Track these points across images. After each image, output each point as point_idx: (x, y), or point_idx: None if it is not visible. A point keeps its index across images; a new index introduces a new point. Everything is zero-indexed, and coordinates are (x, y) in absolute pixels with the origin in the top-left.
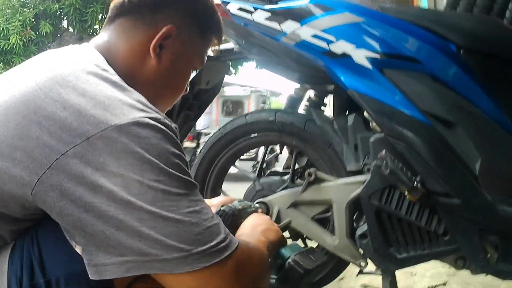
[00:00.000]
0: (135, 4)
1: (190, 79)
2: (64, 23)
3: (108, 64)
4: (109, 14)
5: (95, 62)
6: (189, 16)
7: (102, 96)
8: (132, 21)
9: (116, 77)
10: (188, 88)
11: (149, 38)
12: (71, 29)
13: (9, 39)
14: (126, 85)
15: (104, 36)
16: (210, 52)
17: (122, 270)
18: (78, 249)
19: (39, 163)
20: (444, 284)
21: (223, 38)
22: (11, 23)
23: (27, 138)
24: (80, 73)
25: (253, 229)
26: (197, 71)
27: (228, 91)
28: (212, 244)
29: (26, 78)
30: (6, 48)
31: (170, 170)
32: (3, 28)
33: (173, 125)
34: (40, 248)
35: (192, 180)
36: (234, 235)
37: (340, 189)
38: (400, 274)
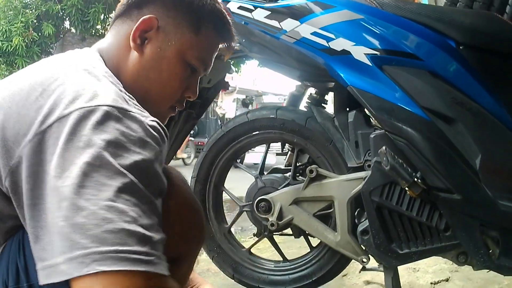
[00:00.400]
0: (127, 3)
1: (195, 81)
2: (67, 24)
3: (105, 63)
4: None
5: (89, 62)
6: (176, 9)
7: (80, 85)
8: (123, 19)
9: (101, 74)
10: (197, 91)
11: (131, 31)
12: (73, 30)
13: (11, 41)
14: (110, 79)
15: (105, 39)
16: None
17: (45, 274)
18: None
19: (11, 153)
20: (447, 280)
21: (233, 39)
22: (13, 25)
23: (6, 128)
24: (69, 69)
25: None
26: (199, 71)
27: (264, 99)
28: (122, 248)
29: (22, 79)
30: (9, 50)
31: (112, 159)
32: (5, 30)
33: (150, 119)
34: (24, 251)
35: (135, 181)
36: None
37: (341, 186)
38: (402, 270)
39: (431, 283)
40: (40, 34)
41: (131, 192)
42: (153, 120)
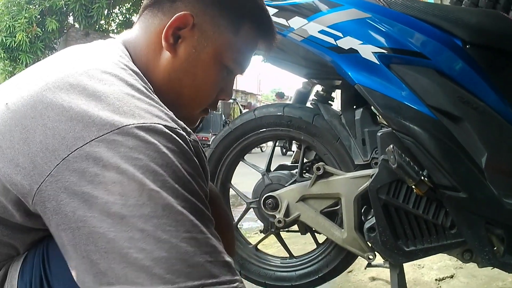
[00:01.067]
0: None
1: (230, 82)
2: (70, 19)
3: (132, 59)
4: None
5: (115, 60)
6: (214, 5)
7: (113, 97)
8: (153, 10)
9: (132, 78)
10: (231, 93)
11: (164, 27)
12: (77, 25)
13: (15, 36)
14: (143, 88)
15: (132, 30)
16: None
17: None
18: (73, 274)
19: (40, 170)
20: (451, 276)
21: (274, 38)
22: (17, 20)
23: (32, 143)
24: (95, 72)
25: None
26: (236, 72)
27: None
28: (208, 281)
29: (38, 77)
30: (12, 45)
31: (176, 185)
32: (9, 26)
33: (193, 138)
34: (49, 264)
35: (201, 206)
36: None
37: (348, 183)
38: (407, 267)
39: (436, 280)
40: (43, 29)
41: (199, 220)
42: (194, 140)
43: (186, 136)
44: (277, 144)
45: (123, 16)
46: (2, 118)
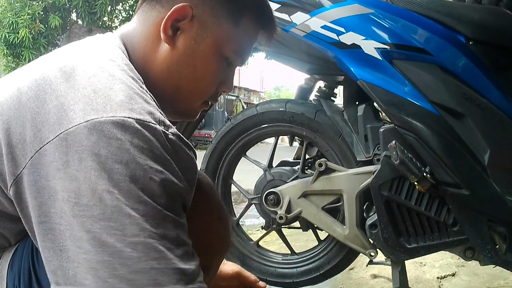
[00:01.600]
0: None
1: (231, 74)
2: (73, 16)
3: (129, 53)
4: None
5: (104, 52)
6: None
7: (90, 89)
8: (152, 4)
9: (118, 68)
10: (232, 85)
11: (162, 19)
12: (80, 22)
13: (18, 32)
14: (127, 78)
15: (130, 23)
16: None
17: None
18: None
19: (18, 162)
20: (453, 274)
21: (275, 29)
22: (20, 17)
23: (13, 134)
24: (79, 64)
25: None
26: (236, 64)
27: None
28: None
29: (26, 73)
30: (15, 41)
31: (132, 185)
32: (12, 22)
33: (172, 131)
34: (38, 257)
35: (159, 208)
36: None
37: (350, 179)
38: (409, 264)
39: (438, 278)
40: (46, 26)
41: (151, 222)
42: (174, 133)
43: (163, 130)
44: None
45: (126, 13)
46: None
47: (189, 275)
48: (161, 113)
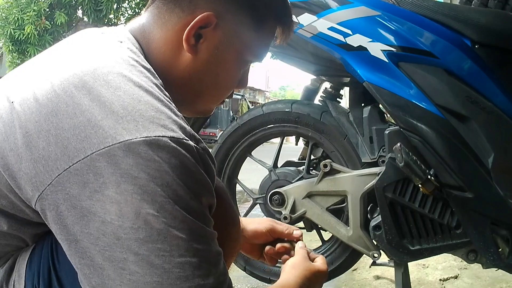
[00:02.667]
0: None
1: (247, 71)
2: (79, 13)
3: (144, 54)
4: None
5: (124, 55)
6: (236, 2)
7: (118, 104)
8: (169, 4)
9: (142, 76)
10: (247, 81)
11: (183, 26)
12: (86, 19)
13: (24, 29)
14: (152, 87)
15: (141, 19)
16: None
17: None
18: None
19: (41, 178)
20: (456, 277)
21: (292, 30)
22: (26, 13)
23: (35, 148)
24: (101, 72)
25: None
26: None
27: None
28: None
29: (43, 75)
30: (21, 38)
31: (175, 206)
32: (18, 18)
33: (202, 146)
34: (58, 257)
35: (201, 224)
36: None
37: (355, 181)
38: (412, 266)
39: (440, 280)
40: (52, 22)
41: (195, 240)
42: (203, 148)
43: (194, 145)
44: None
45: (132, 11)
46: (6, 118)
47: (229, 285)
48: (187, 124)
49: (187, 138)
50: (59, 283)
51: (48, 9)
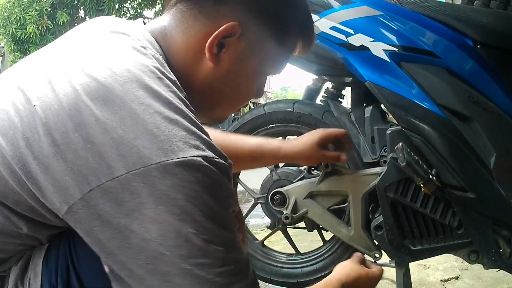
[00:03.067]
0: None
1: (264, 82)
2: (81, 13)
3: (166, 60)
4: None
5: (149, 64)
6: (261, 15)
7: (150, 123)
8: (193, 9)
9: (169, 91)
10: (263, 91)
11: (207, 34)
12: (88, 19)
13: (25, 28)
14: (181, 103)
15: (162, 20)
16: None
17: None
18: (106, 268)
19: (70, 192)
20: (457, 278)
21: (312, 43)
22: (28, 13)
23: (62, 160)
24: (130, 86)
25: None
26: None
27: None
28: None
29: (67, 76)
30: (23, 37)
31: (212, 223)
32: (20, 18)
33: (228, 163)
34: (77, 255)
35: (233, 234)
36: None
37: (356, 181)
38: (413, 267)
39: (441, 281)
40: (54, 22)
41: (230, 251)
42: (229, 163)
43: (223, 163)
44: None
45: (134, 11)
46: (29, 121)
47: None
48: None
49: (218, 157)
50: (79, 281)
51: (50, 9)
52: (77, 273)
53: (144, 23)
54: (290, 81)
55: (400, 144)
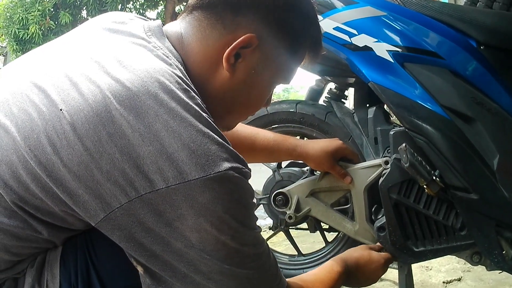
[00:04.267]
0: None
1: (272, 91)
2: (84, 13)
3: (185, 68)
4: (189, 2)
5: (177, 78)
6: (277, 26)
7: (187, 137)
8: (210, 18)
9: (194, 103)
10: (271, 100)
11: (224, 44)
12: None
13: (28, 29)
14: (207, 117)
15: (178, 26)
16: None
17: None
18: (139, 269)
19: (107, 201)
20: (459, 279)
21: (319, 56)
22: (30, 13)
23: (96, 170)
24: (163, 98)
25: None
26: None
27: None
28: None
29: (88, 80)
30: (25, 38)
31: (244, 227)
32: (22, 18)
33: (249, 169)
34: (96, 255)
35: (258, 232)
36: None
37: (358, 174)
38: (415, 268)
39: (444, 282)
40: (56, 22)
41: (257, 247)
42: (249, 169)
43: (246, 170)
44: None
45: (137, 12)
46: (55, 125)
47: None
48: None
49: (243, 166)
50: (100, 281)
51: (52, 9)
52: (98, 273)
53: None
54: (292, 83)
55: (404, 145)
